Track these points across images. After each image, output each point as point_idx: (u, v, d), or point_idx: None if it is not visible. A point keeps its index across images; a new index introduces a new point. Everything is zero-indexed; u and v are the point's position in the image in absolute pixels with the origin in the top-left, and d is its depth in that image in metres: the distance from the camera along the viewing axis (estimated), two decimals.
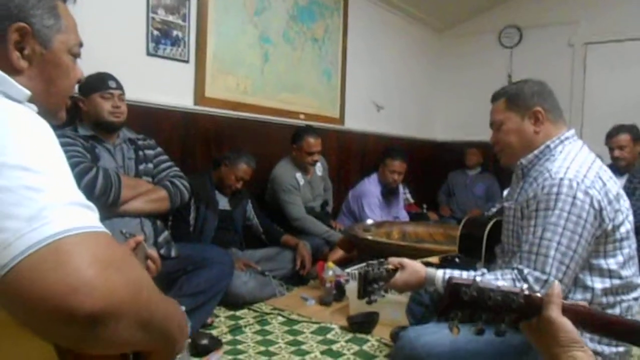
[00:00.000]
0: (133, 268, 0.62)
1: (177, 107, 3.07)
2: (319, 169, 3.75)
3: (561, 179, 1.34)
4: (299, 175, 3.49)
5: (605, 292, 1.36)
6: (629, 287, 1.40)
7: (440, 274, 1.43)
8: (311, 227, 3.40)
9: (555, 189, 1.33)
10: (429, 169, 5.84)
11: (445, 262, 1.75)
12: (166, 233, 2.39)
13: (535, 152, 1.49)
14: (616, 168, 3.47)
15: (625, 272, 1.38)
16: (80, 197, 0.61)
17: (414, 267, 1.47)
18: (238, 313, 2.58)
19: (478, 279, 0.77)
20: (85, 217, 0.59)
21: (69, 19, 0.84)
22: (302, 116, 4.02)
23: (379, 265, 1.43)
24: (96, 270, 0.55)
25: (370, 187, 3.97)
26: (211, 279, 2.35)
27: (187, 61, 3.10)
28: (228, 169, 2.99)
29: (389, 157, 3.99)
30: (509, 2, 5.69)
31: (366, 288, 1.40)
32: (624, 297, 1.39)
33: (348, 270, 2.62)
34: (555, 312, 0.74)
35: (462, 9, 5.72)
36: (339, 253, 3.38)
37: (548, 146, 1.48)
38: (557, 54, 5.47)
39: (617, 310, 1.39)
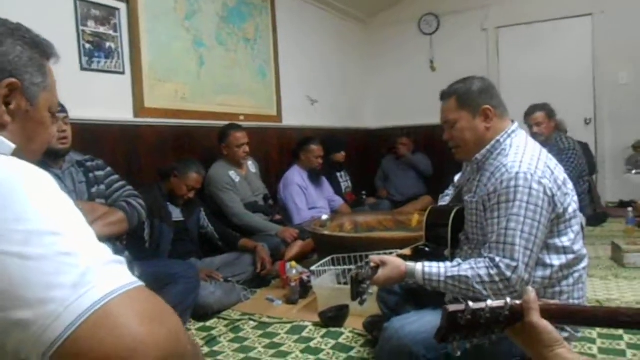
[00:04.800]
0: (171, 316, 0.65)
1: (117, 121, 2.97)
2: (252, 166, 3.77)
3: (517, 173, 1.48)
4: (232, 173, 3.50)
5: (562, 267, 1.53)
6: (579, 259, 1.58)
7: (419, 268, 1.54)
8: (252, 222, 3.45)
9: (513, 182, 1.48)
10: (364, 156, 6.03)
11: (417, 252, 1.87)
12: (126, 253, 2.34)
13: (488, 147, 1.63)
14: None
15: (576, 247, 1.56)
16: (110, 253, 0.64)
17: (395, 263, 1.57)
18: (209, 323, 2.58)
19: (470, 302, 0.83)
20: (123, 274, 0.62)
21: (52, 78, 0.85)
22: (242, 117, 4.02)
23: (365, 265, 1.52)
24: (146, 327, 0.57)
25: (294, 177, 4.06)
26: (180, 295, 2.34)
27: (122, 73, 3.00)
28: (178, 179, 2.95)
29: (309, 144, 4.13)
30: None
31: (357, 289, 1.48)
32: (576, 269, 1.57)
33: (313, 268, 2.69)
34: (535, 317, 0.84)
35: None
36: (294, 250, 3.46)
37: (498, 140, 1.62)
38: (472, 39, 5.82)
39: (570, 281, 1.56)
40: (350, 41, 5.99)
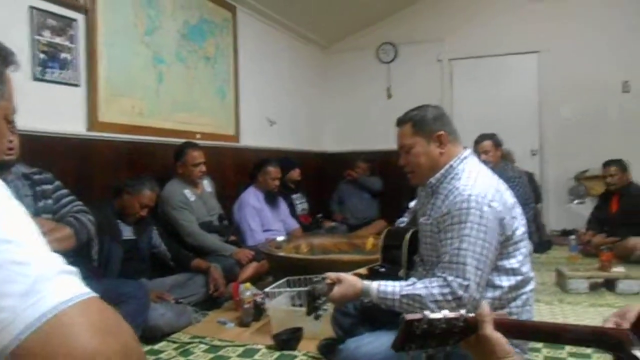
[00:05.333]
0: (125, 330, 0.64)
1: (69, 134, 2.88)
2: (207, 185, 3.73)
3: (469, 195, 1.54)
4: (187, 191, 3.44)
5: (511, 288, 1.59)
6: (526, 281, 1.64)
7: (374, 286, 1.56)
8: (206, 243, 3.39)
9: (465, 205, 1.53)
10: (321, 179, 6.07)
11: (373, 272, 1.89)
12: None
13: (442, 171, 1.69)
14: None
15: (524, 269, 1.62)
16: (62, 263, 0.62)
17: (350, 281, 1.59)
18: (157, 346, 2.49)
19: (427, 312, 0.85)
20: (76, 284, 0.60)
21: (10, 85, 0.83)
22: (198, 136, 3.97)
23: (322, 281, 1.52)
24: (98, 339, 0.56)
25: (249, 198, 4.04)
26: (128, 315, 2.24)
27: (77, 85, 2.92)
28: (131, 196, 2.86)
29: (267, 166, 4.12)
30: (384, 20, 6.15)
31: (313, 304, 1.48)
32: (523, 290, 1.63)
33: (267, 289, 2.66)
34: (489, 330, 0.86)
35: (342, 26, 6.06)
36: (248, 272, 3.41)
37: (451, 165, 1.69)
38: (427, 69, 6.04)
39: (519, 302, 1.62)
40: (310, 65, 6.08)
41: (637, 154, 4.70)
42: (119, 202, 2.87)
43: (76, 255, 2.52)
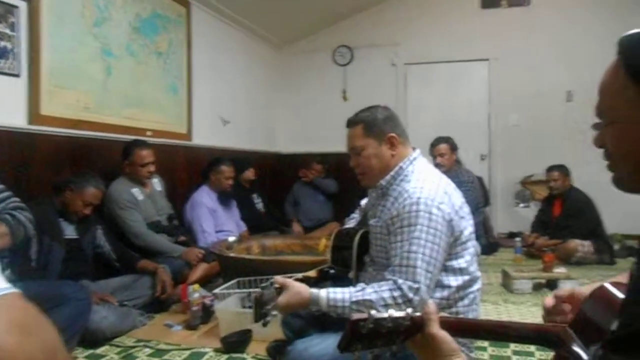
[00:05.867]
0: (47, 330, 0.61)
1: (7, 127, 2.71)
2: (157, 184, 3.62)
3: (418, 198, 1.55)
4: (135, 190, 3.32)
5: (458, 288, 1.61)
6: (473, 280, 1.67)
7: (323, 294, 1.50)
8: (154, 243, 3.28)
9: (414, 207, 1.54)
10: (275, 180, 6.02)
11: (323, 274, 1.87)
12: (8, 272, 2.11)
13: (392, 173, 1.69)
14: None
15: (471, 268, 1.65)
16: None
17: (297, 289, 1.50)
18: (99, 351, 2.38)
19: (373, 312, 0.84)
20: None
21: None
22: (149, 133, 3.86)
23: (270, 286, 1.48)
24: (15, 337, 0.53)
25: (202, 198, 3.95)
26: (67, 318, 2.14)
27: (17, 75, 2.77)
28: (74, 194, 2.73)
29: (220, 164, 4.04)
30: (340, 23, 6.18)
31: (261, 310, 1.43)
32: (471, 290, 1.66)
33: (216, 291, 2.59)
34: (435, 328, 0.86)
35: (298, 27, 6.05)
36: (198, 273, 3.33)
37: (401, 167, 1.69)
38: (383, 73, 6.12)
39: (466, 302, 1.65)
40: (266, 65, 6.03)
41: (578, 160, 4.92)
42: (61, 200, 2.74)
43: (13, 254, 2.40)
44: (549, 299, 1.05)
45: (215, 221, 3.96)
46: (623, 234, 5.02)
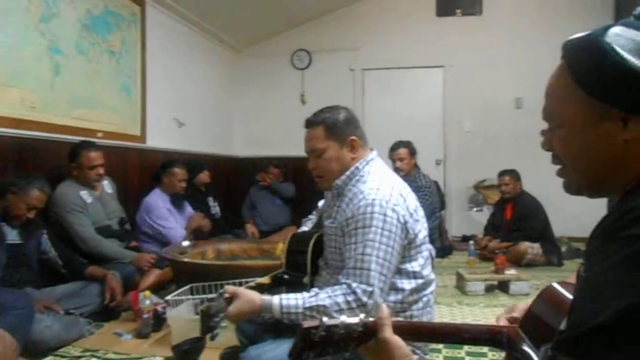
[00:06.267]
0: None
1: None
2: (107, 186, 3.49)
3: (373, 200, 1.54)
4: (84, 193, 3.19)
5: (412, 291, 1.61)
6: (427, 283, 1.68)
7: (276, 301, 1.47)
8: (103, 249, 3.16)
9: (369, 209, 1.53)
10: (232, 184, 5.94)
11: (276, 280, 1.84)
12: None
13: (347, 173, 1.67)
14: None
15: (425, 272, 1.65)
16: None
17: (248, 297, 1.46)
18: None
19: (325, 319, 0.83)
20: None
21: None
22: (100, 134, 3.72)
23: (219, 297, 1.42)
24: None
25: (157, 200, 3.87)
26: (8, 328, 2.03)
27: None
28: (17, 197, 2.60)
29: (173, 167, 3.97)
30: (299, 27, 6.18)
31: (208, 324, 1.38)
32: (425, 293, 1.67)
33: (169, 297, 2.52)
34: (388, 333, 0.85)
35: (256, 30, 6.00)
36: (150, 279, 3.23)
37: (357, 167, 1.68)
38: (341, 77, 6.16)
39: (420, 305, 1.65)
40: (223, 68, 5.95)
41: (528, 165, 5.08)
42: (2, 203, 2.60)
43: None
44: (502, 319, 1.05)
45: None
46: (569, 237, 5.23)
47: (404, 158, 4.28)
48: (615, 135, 0.70)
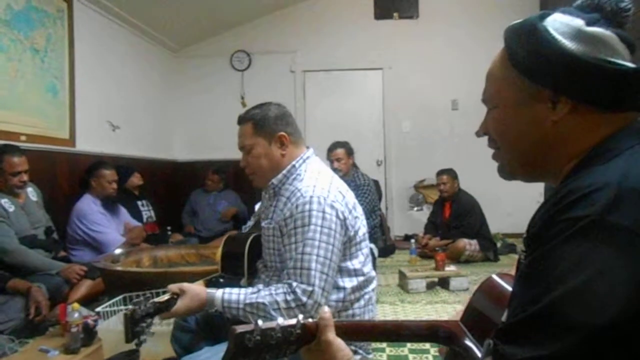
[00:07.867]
0: None
1: None
2: (32, 193, 3.27)
3: (311, 197, 1.51)
4: (5, 201, 2.97)
5: (353, 289, 1.59)
6: (368, 281, 1.66)
7: (219, 295, 1.45)
8: (27, 260, 2.94)
9: (307, 207, 1.49)
10: (171, 189, 5.75)
11: (211, 284, 1.76)
12: None
13: (284, 172, 1.64)
14: None
15: (365, 269, 1.63)
16: None
17: (194, 291, 1.46)
18: None
19: (259, 322, 0.79)
20: None
21: None
22: (23, 138, 3.48)
23: (146, 302, 1.35)
24: None
25: (89, 206, 3.68)
26: None
27: None
28: None
29: (101, 168, 3.80)
30: (237, 28, 6.08)
31: (134, 329, 1.29)
32: (366, 290, 1.65)
33: (99, 309, 2.36)
34: (331, 335, 0.82)
35: (194, 30, 5.86)
36: (81, 291, 3.04)
37: (294, 165, 1.65)
38: (281, 79, 6.12)
39: (362, 303, 1.63)
40: (159, 68, 5.75)
41: (465, 164, 5.24)
42: None
43: None
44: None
45: None
46: (504, 233, 5.44)
47: (341, 158, 4.32)
48: (545, 116, 0.71)
